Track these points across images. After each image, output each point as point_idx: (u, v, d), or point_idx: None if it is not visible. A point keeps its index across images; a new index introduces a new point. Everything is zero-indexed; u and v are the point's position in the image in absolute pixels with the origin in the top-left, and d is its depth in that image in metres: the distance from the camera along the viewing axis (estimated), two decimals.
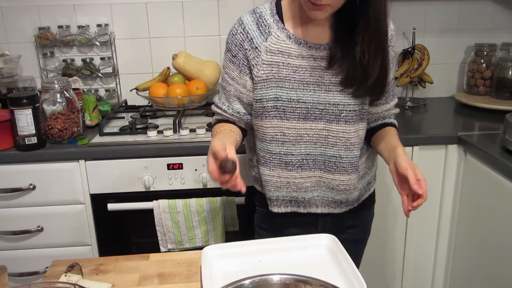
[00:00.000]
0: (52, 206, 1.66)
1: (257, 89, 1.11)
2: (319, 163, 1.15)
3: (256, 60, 1.10)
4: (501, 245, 1.45)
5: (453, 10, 2.16)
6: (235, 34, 1.11)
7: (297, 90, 1.09)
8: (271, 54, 1.09)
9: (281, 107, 1.10)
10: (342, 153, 1.14)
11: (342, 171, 1.15)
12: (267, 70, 1.09)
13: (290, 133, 1.12)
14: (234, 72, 1.14)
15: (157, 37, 2.09)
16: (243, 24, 1.11)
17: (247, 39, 1.10)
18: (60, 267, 1.00)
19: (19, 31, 2.03)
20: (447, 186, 1.74)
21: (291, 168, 1.15)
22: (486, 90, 2.10)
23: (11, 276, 1.65)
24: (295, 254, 0.98)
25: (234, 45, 1.12)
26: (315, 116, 1.10)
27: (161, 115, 1.94)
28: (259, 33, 1.09)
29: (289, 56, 1.08)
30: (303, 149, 1.13)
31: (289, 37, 1.08)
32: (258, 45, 1.09)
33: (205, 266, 0.92)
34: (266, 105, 1.10)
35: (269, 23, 1.10)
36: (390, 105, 1.22)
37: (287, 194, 1.19)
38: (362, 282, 0.82)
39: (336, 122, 1.11)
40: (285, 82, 1.09)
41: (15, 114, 1.56)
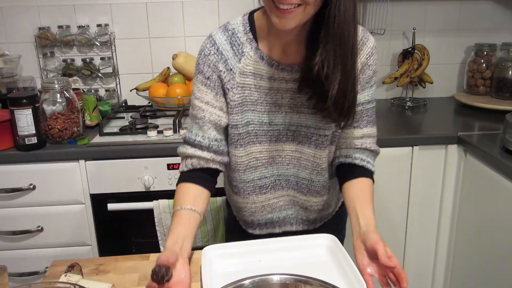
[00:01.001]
0: (52, 206, 1.66)
1: (233, 114, 1.03)
2: (292, 183, 1.12)
3: (232, 83, 1.02)
4: (501, 245, 1.45)
5: (453, 10, 2.16)
6: (208, 55, 1.02)
7: (269, 113, 1.04)
8: (244, 76, 1.02)
9: (253, 131, 1.05)
10: (314, 177, 1.10)
11: (314, 193, 1.12)
12: (240, 94, 1.02)
13: (262, 156, 1.08)
14: (208, 95, 1.03)
15: (157, 37, 2.09)
16: (216, 44, 1.02)
17: (222, 60, 1.01)
18: (60, 267, 1.00)
19: (19, 31, 2.03)
20: (447, 186, 1.74)
21: (265, 191, 1.12)
22: (486, 90, 2.10)
23: (11, 276, 1.65)
24: (295, 254, 0.98)
25: (207, 67, 1.02)
26: (287, 138, 1.07)
27: (161, 115, 1.94)
28: (233, 53, 1.01)
29: (261, 79, 1.02)
30: (275, 170, 1.10)
31: (262, 58, 1.00)
32: (232, 67, 1.01)
33: (205, 266, 0.92)
34: (240, 132, 1.04)
35: (242, 42, 1.01)
36: (363, 132, 1.08)
37: (262, 217, 1.16)
38: (362, 282, 0.82)
39: (308, 145, 1.06)
40: (257, 106, 1.03)
41: (15, 114, 1.56)
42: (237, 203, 1.16)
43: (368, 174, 1.09)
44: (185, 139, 1.07)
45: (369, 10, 2.06)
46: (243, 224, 1.21)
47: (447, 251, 1.80)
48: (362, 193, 1.04)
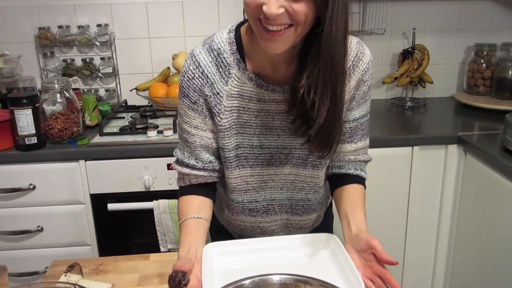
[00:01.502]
0: (52, 206, 1.66)
1: (220, 137, 0.98)
2: (286, 207, 1.07)
3: (219, 107, 0.95)
4: (501, 245, 1.45)
5: (453, 10, 2.16)
6: (192, 78, 0.94)
7: (260, 136, 0.98)
8: (232, 98, 0.95)
9: (243, 154, 0.99)
10: (311, 196, 1.06)
11: (310, 211, 1.08)
12: (228, 117, 0.96)
13: (253, 180, 1.02)
14: (196, 120, 0.97)
15: (157, 37, 2.09)
16: (201, 67, 0.94)
17: (207, 84, 0.94)
18: (60, 267, 1.00)
19: (19, 31, 2.03)
20: (447, 186, 1.74)
21: (255, 214, 1.07)
22: (486, 90, 2.10)
23: (11, 276, 1.65)
24: (295, 252, 0.98)
25: (192, 91, 0.95)
26: (280, 161, 1.01)
27: (161, 115, 1.94)
28: (219, 76, 0.94)
29: (250, 100, 0.95)
30: (267, 195, 1.05)
31: (251, 79, 0.93)
32: (219, 91, 0.94)
33: (205, 263, 0.92)
34: (228, 155, 0.99)
35: (229, 63, 0.93)
36: (357, 146, 1.05)
37: (251, 235, 1.11)
38: (360, 282, 0.82)
39: (303, 167, 1.01)
40: (246, 128, 0.97)
41: (15, 114, 1.56)
42: (227, 216, 1.12)
43: (361, 181, 1.07)
44: (178, 159, 1.04)
45: (369, 10, 2.06)
46: (232, 233, 1.18)
47: (447, 251, 1.80)
48: (353, 199, 1.03)
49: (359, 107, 1.01)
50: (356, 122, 1.02)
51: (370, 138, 1.10)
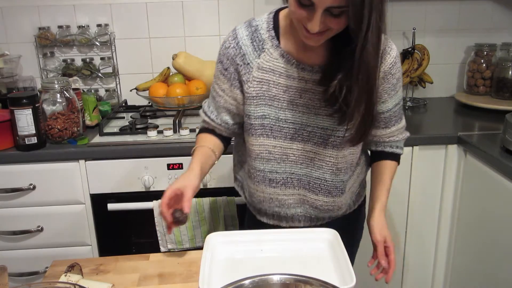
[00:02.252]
0: (52, 206, 1.66)
1: (246, 105, 1.08)
2: (303, 183, 1.12)
3: (247, 76, 1.06)
4: (501, 245, 1.45)
5: (453, 10, 2.16)
6: (228, 47, 1.07)
7: (286, 110, 1.06)
8: (263, 71, 1.05)
9: (268, 125, 1.07)
10: (328, 176, 1.11)
11: (326, 193, 1.13)
12: (257, 88, 1.06)
13: (276, 151, 1.09)
14: (225, 84, 1.10)
15: (157, 37, 2.09)
16: (237, 38, 1.06)
17: (240, 54, 1.05)
18: (60, 267, 1.00)
19: (19, 31, 2.03)
20: (447, 186, 1.74)
21: (274, 185, 1.13)
22: (486, 90, 2.10)
23: (11, 276, 1.65)
24: (296, 245, 1.01)
25: (226, 58, 1.07)
26: (302, 137, 1.08)
27: (161, 115, 1.94)
28: (253, 48, 1.05)
29: (280, 76, 1.04)
30: (288, 168, 1.11)
31: (282, 56, 1.03)
32: (250, 61, 1.05)
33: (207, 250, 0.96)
34: (253, 123, 1.08)
35: (264, 39, 1.04)
36: (391, 130, 1.16)
37: (269, 209, 1.18)
38: (353, 278, 0.85)
39: (324, 146, 1.07)
40: (274, 101, 1.06)
41: (15, 114, 1.56)
42: (249, 187, 1.19)
43: (395, 157, 1.21)
44: (203, 108, 1.20)
45: None
46: (253, 210, 1.24)
47: (447, 251, 1.80)
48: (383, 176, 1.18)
49: (391, 98, 1.11)
50: (390, 112, 1.12)
51: None
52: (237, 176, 1.29)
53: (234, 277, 0.80)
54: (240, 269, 0.94)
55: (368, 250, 1.45)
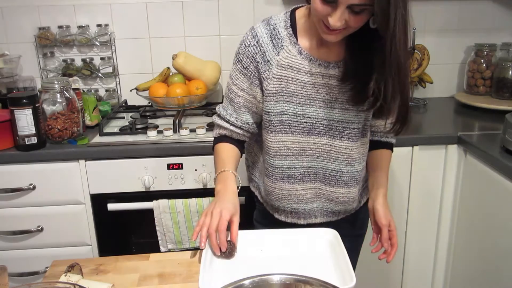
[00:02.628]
0: (52, 206, 1.66)
1: (266, 102, 1.11)
2: (320, 176, 1.15)
3: (267, 73, 1.09)
4: (501, 245, 1.45)
5: (453, 10, 2.16)
6: (248, 46, 1.09)
7: (303, 106, 1.09)
8: (282, 68, 1.08)
9: (287, 121, 1.10)
10: (343, 167, 1.14)
11: (342, 184, 1.16)
12: (276, 84, 1.08)
13: (294, 147, 1.12)
14: (245, 83, 1.12)
15: (157, 37, 2.09)
16: (257, 36, 1.09)
17: (260, 52, 1.08)
18: (60, 267, 1.00)
19: (19, 31, 2.03)
20: (447, 186, 1.74)
21: (293, 181, 1.16)
22: (486, 90, 2.10)
23: (11, 276, 1.65)
24: (296, 246, 1.01)
25: (246, 57, 1.10)
26: (319, 131, 1.11)
27: (161, 115, 1.94)
28: (272, 46, 1.08)
29: (298, 72, 1.07)
30: (305, 162, 1.14)
31: (300, 52, 1.07)
32: (270, 59, 1.08)
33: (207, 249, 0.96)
34: (273, 119, 1.10)
35: (282, 36, 1.08)
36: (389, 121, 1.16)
37: (288, 206, 1.20)
38: (353, 278, 0.85)
39: (339, 138, 1.11)
40: (293, 97, 1.09)
41: (15, 114, 1.56)
42: (267, 186, 1.20)
43: (389, 146, 1.25)
44: (220, 115, 1.19)
45: None
46: (271, 209, 1.25)
47: (447, 251, 1.80)
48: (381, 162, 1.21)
49: None
50: None
51: None
52: (252, 178, 1.31)
53: (234, 277, 0.80)
54: (240, 269, 0.94)
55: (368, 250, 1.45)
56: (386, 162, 1.22)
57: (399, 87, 0.97)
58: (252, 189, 1.32)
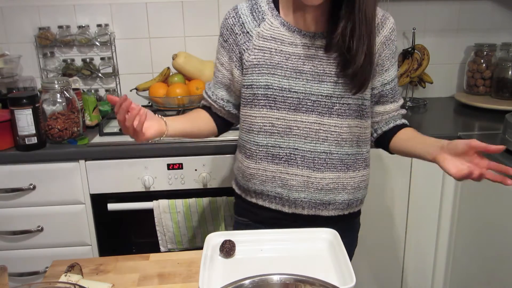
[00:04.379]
0: (52, 206, 1.66)
1: (248, 74, 1.09)
2: (308, 160, 1.10)
3: (247, 44, 1.09)
4: (501, 245, 1.45)
5: (453, 10, 2.16)
6: (227, 18, 1.12)
7: (289, 79, 1.06)
8: (263, 39, 1.08)
9: (272, 95, 1.07)
10: (333, 148, 1.10)
11: (332, 168, 1.11)
12: (258, 55, 1.08)
13: (279, 124, 1.09)
14: (224, 57, 1.14)
15: (157, 37, 2.09)
16: (237, 9, 1.12)
17: (238, 23, 1.10)
18: (60, 267, 1.00)
19: (19, 31, 2.03)
20: (447, 186, 1.73)
21: (277, 161, 1.12)
22: (486, 90, 2.10)
23: (11, 276, 1.65)
24: (295, 245, 1.01)
25: (225, 30, 1.12)
26: (306, 108, 1.07)
27: (161, 115, 1.93)
28: (252, 18, 1.09)
29: (282, 43, 1.07)
30: (291, 143, 1.10)
31: (283, 24, 1.07)
32: (249, 30, 1.09)
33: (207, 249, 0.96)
34: (256, 92, 1.08)
35: (264, 10, 1.10)
36: (399, 104, 1.20)
37: (272, 189, 1.15)
38: (353, 278, 0.85)
39: (328, 115, 1.08)
40: (277, 69, 1.06)
41: (15, 114, 1.56)
42: (249, 169, 1.16)
43: (407, 125, 1.21)
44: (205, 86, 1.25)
45: None
46: (254, 196, 1.19)
47: (447, 251, 1.80)
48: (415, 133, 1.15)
49: (393, 67, 1.14)
50: (393, 82, 1.15)
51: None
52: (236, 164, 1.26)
53: (234, 277, 0.80)
54: (240, 269, 0.94)
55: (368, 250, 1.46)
56: (418, 132, 1.15)
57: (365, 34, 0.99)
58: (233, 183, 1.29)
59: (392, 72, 1.14)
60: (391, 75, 1.14)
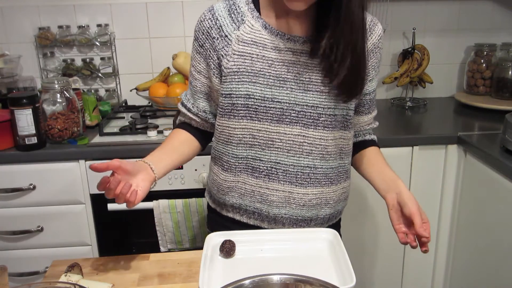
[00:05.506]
0: (52, 206, 1.66)
1: (227, 82, 0.99)
2: (290, 175, 1.02)
3: (226, 50, 0.98)
4: (501, 245, 1.45)
5: (453, 10, 2.16)
6: (203, 21, 1.01)
7: (272, 87, 0.97)
8: (244, 44, 0.97)
9: (253, 106, 0.98)
10: (317, 163, 1.02)
11: (315, 183, 1.04)
12: (238, 62, 0.97)
13: (260, 135, 1.00)
14: (201, 64, 1.03)
15: (157, 37, 2.10)
16: (213, 10, 1.00)
17: (215, 26, 0.99)
18: (60, 267, 1.00)
19: (19, 31, 2.03)
20: (447, 186, 1.74)
21: (257, 175, 1.03)
22: (486, 90, 2.10)
23: (11, 276, 1.65)
24: (296, 245, 1.01)
25: (201, 33, 1.01)
26: (290, 119, 0.99)
27: (161, 115, 1.94)
28: (231, 20, 0.98)
29: (264, 48, 0.97)
30: (273, 156, 1.01)
31: (265, 26, 0.97)
32: (228, 34, 0.98)
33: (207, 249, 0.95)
34: (236, 102, 0.98)
35: (243, 11, 0.99)
36: (372, 116, 1.14)
37: (250, 204, 1.07)
38: (353, 278, 0.85)
39: (314, 127, 0.99)
40: (259, 77, 0.97)
41: (15, 114, 1.56)
42: (226, 182, 1.07)
43: (376, 143, 1.16)
44: (181, 99, 1.13)
45: (369, 10, 2.06)
46: (231, 211, 1.11)
47: (447, 251, 1.80)
48: (378, 158, 1.11)
49: (376, 77, 1.08)
50: (373, 93, 1.09)
51: None
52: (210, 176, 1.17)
53: (234, 277, 0.80)
54: (240, 269, 0.94)
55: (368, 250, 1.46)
56: (382, 157, 1.12)
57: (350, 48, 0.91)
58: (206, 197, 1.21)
59: (374, 83, 1.08)
60: (373, 85, 1.08)
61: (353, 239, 1.75)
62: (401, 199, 0.99)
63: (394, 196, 1.01)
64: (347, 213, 1.29)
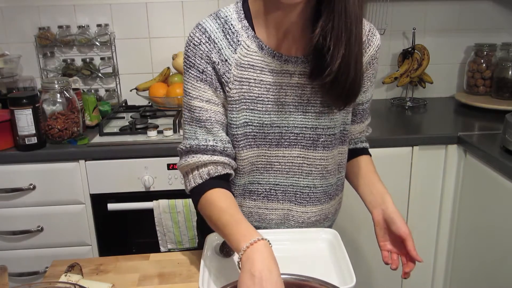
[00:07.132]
0: (52, 206, 1.66)
1: (228, 111, 0.92)
2: (289, 194, 1.00)
3: (228, 75, 0.90)
4: (501, 245, 1.45)
5: (453, 10, 2.16)
6: (199, 44, 0.90)
7: (271, 113, 0.92)
8: (242, 69, 0.90)
9: (251, 133, 0.92)
10: (317, 182, 1.00)
11: (315, 201, 1.01)
12: (238, 89, 0.90)
13: (258, 161, 0.96)
14: (207, 92, 0.91)
15: (157, 37, 2.09)
16: (207, 32, 0.90)
17: (215, 50, 0.89)
18: (60, 267, 1.00)
19: (19, 31, 2.03)
20: (447, 186, 1.74)
21: (255, 197, 1.00)
22: (486, 90, 2.10)
23: (11, 276, 1.65)
24: (296, 245, 1.01)
25: (199, 58, 0.90)
26: (289, 142, 0.95)
27: (161, 115, 1.94)
28: (227, 43, 0.89)
29: (261, 72, 0.90)
30: (272, 179, 0.98)
31: (261, 48, 0.89)
32: (227, 58, 0.89)
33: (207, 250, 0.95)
34: (235, 133, 0.92)
35: (237, 30, 0.90)
36: (365, 124, 1.09)
37: None
38: (353, 278, 0.85)
39: (313, 148, 0.96)
40: (257, 104, 0.91)
41: (15, 114, 1.56)
42: None
43: (367, 152, 1.12)
44: (190, 148, 0.93)
45: (369, 10, 2.06)
46: None
47: (447, 250, 1.80)
48: (368, 168, 1.07)
49: (371, 87, 1.03)
50: (368, 103, 1.05)
51: (370, 138, 1.15)
52: None
53: (234, 277, 0.80)
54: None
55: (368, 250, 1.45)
56: (372, 167, 1.08)
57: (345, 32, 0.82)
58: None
59: (369, 93, 1.03)
60: (368, 96, 1.03)
61: (353, 239, 1.75)
62: (387, 215, 0.97)
63: (380, 212, 0.98)
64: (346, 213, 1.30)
